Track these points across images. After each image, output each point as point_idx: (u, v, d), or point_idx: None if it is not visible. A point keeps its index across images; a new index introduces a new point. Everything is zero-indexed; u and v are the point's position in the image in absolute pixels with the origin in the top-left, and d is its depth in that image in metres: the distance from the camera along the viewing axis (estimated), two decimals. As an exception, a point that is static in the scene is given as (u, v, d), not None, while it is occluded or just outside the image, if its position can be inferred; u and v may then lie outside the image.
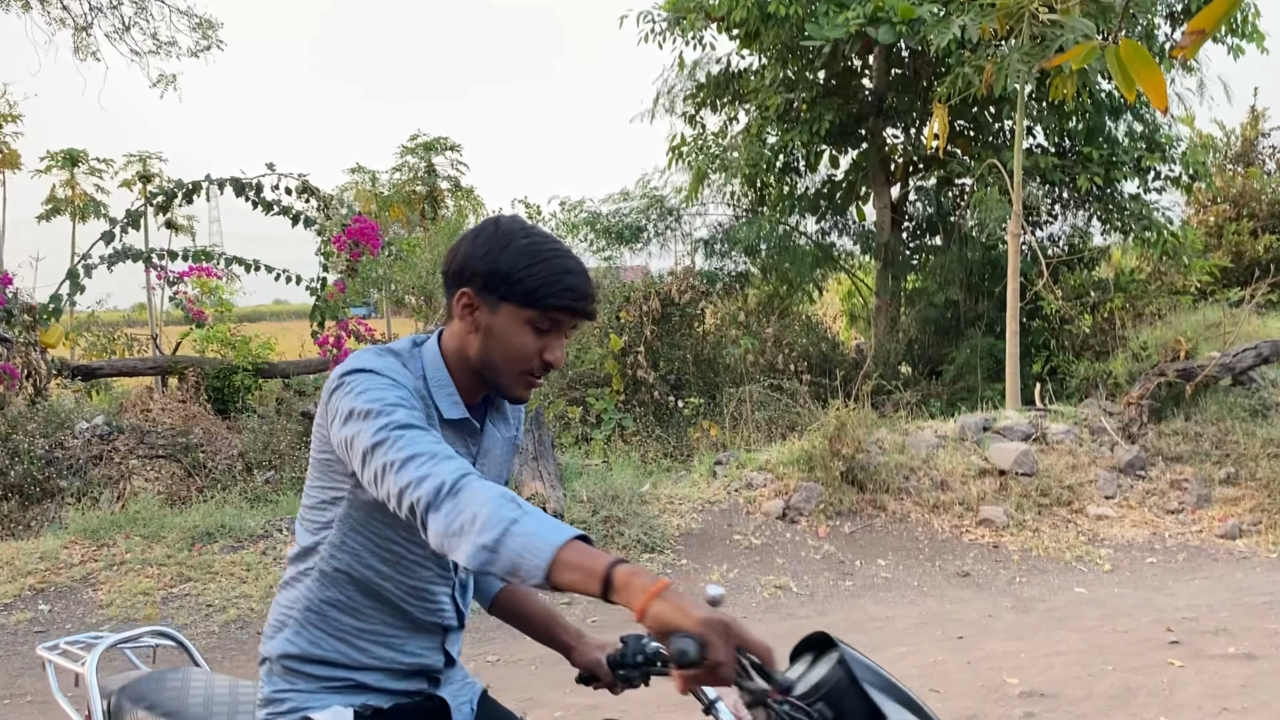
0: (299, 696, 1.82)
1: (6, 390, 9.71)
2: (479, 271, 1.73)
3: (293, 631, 1.83)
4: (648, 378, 10.60)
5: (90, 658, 2.24)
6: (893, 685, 1.63)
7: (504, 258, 1.71)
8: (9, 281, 10.20)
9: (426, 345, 1.83)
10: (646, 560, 6.43)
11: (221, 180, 10.37)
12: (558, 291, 1.71)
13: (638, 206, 13.22)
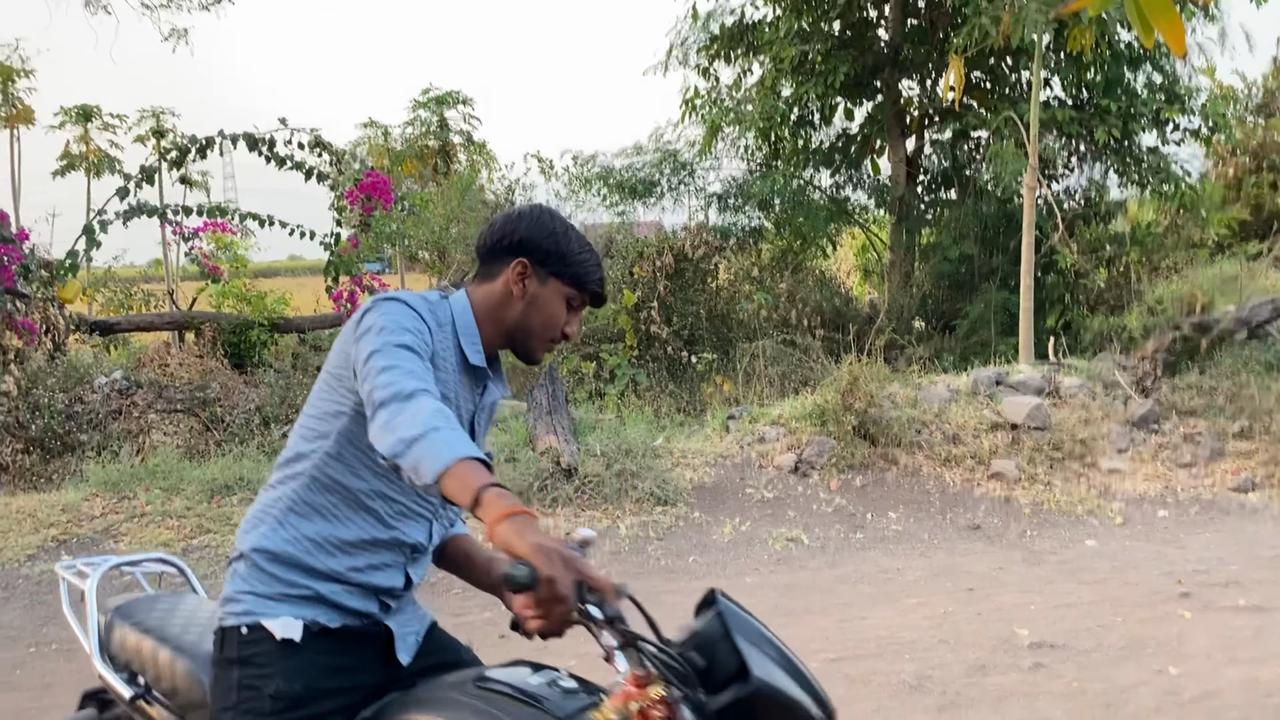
0: (254, 600, 1.89)
1: (26, 345, 9.80)
2: (543, 248, 1.97)
3: (269, 528, 1.92)
4: (661, 333, 10.62)
5: (93, 577, 2.43)
6: (771, 643, 1.70)
7: (563, 242, 1.97)
8: (25, 237, 10.25)
9: (455, 297, 2.01)
10: (660, 513, 6.49)
11: (234, 135, 10.35)
12: (595, 278, 2.02)
13: (651, 160, 13.16)
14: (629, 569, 5.76)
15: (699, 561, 5.93)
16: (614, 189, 12.99)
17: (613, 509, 6.50)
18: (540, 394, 7.44)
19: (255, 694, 1.84)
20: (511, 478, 6.66)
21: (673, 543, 6.17)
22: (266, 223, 10.95)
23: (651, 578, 5.65)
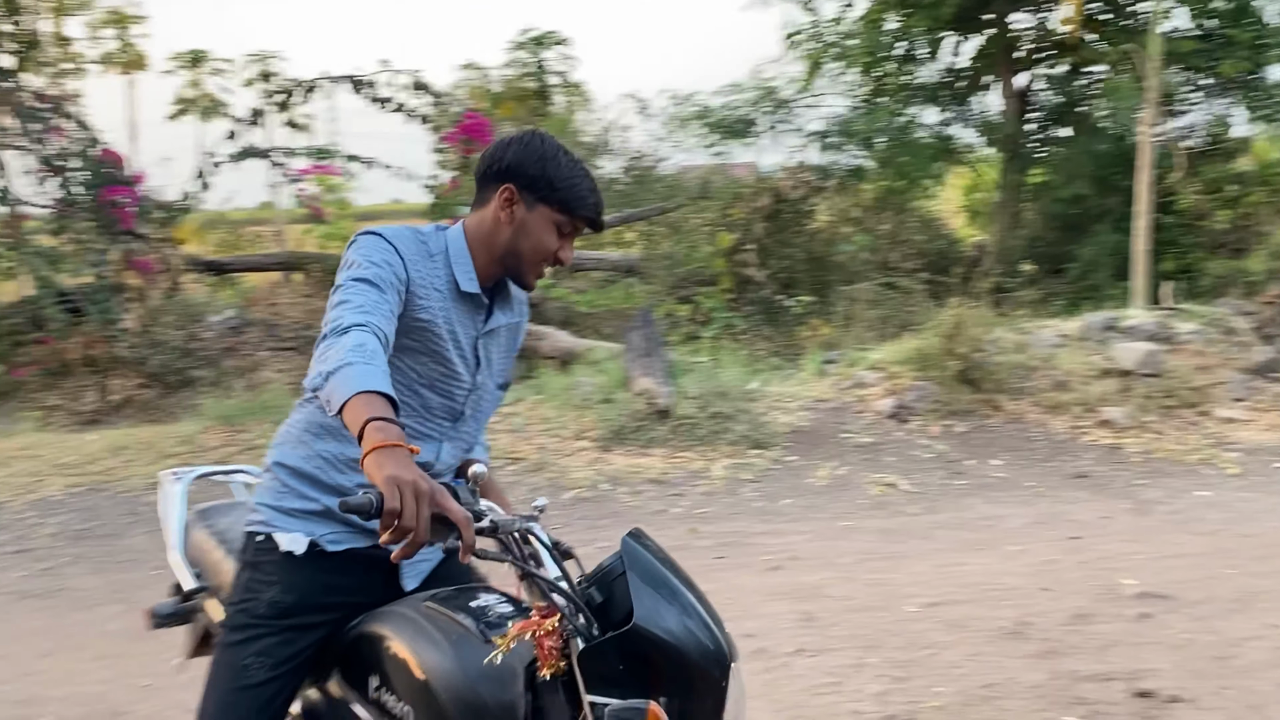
0: (270, 512, 2.05)
1: (145, 284, 10.20)
2: (528, 174, 1.97)
3: (290, 446, 2.07)
4: (757, 276, 10.51)
5: (183, 481, 2.70)
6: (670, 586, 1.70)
7: (550, 167, 1.97)
8: (142, 180, 10.62)
9: (452, 228, 2.07)
10: (754, 456, 6.47)
11: (338, 77, 10.50)
12: (588, 204, 2.00)
13: (749, 98, 12.92)
14: (722, 511, 5.79)
15: (793, 505, 5.91)
16: (711, 128, 12.81)
17: (707, 451, 6.50)
18: (636, 336, 7.46)
19: (255, 598, 2.01)
20: (607, 419, 6.72)
21: (767, 486, 6.16)
22: (370, 165, 11.12)
23: (745, 519, 5.66)
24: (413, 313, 1.96)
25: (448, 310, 2.02)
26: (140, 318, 9.92)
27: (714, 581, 4.69)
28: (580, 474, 6.21)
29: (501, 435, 6.73)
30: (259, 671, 1.97)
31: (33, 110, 9.90)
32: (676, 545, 5.22)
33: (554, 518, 5.72)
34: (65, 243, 9.77)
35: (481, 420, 2.22)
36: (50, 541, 5.50)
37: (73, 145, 10.13)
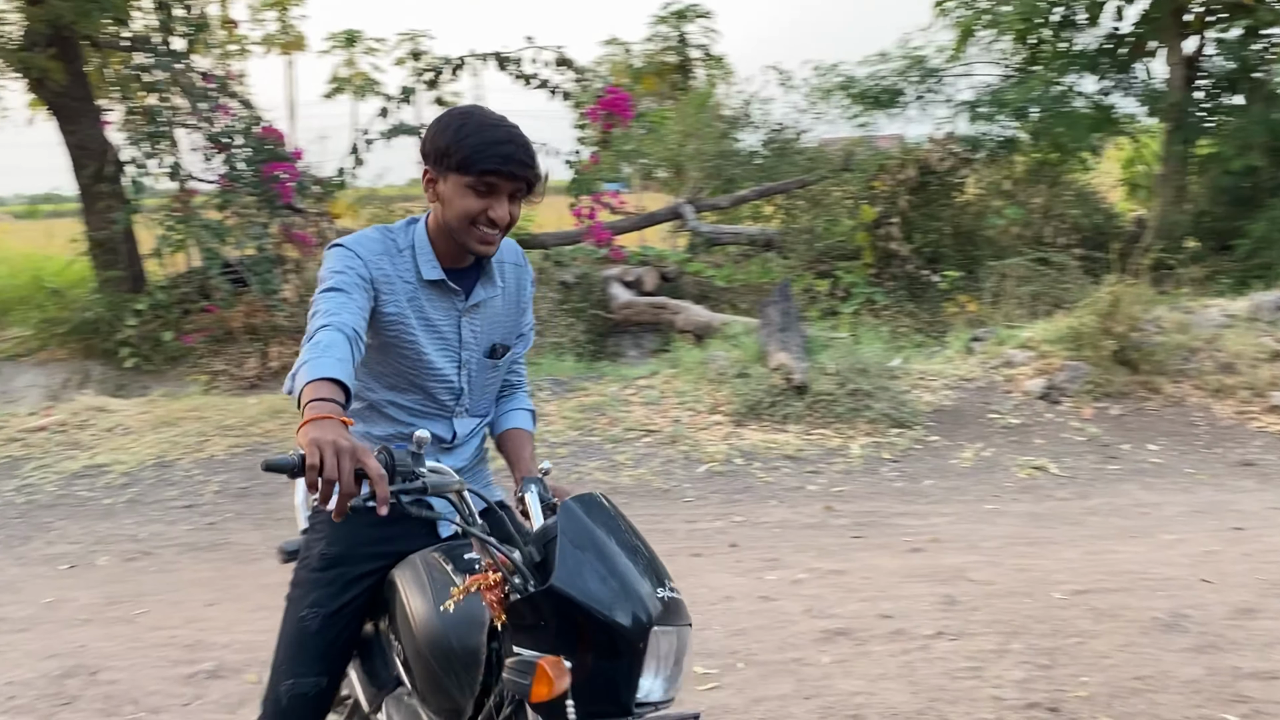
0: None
1: (302, 256, 10.66)
2: (430, 151, 2.07)
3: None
4: (901, 250, 10.24)
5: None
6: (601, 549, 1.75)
7: (444, 135, 2.05)
8: (300, 156, 11.07)
9: (419, 221, 2.21)
10: (895, 434, 6.33)
11: (485, 54, 10.71)
12: (486, 157, 2.02)
13: (896, 68, 12.55)
14: (860, 489, 5.69)
15: (935, 486, 5.76)
16: (855, 99, 12.51)
17: (845, 428, 6.40)
18: (772, 310, 7.38)
19: (309, 553, 2.24)
20: (742, 393, 6.68)
21: (908, 465, 6.02)
22: (514, 141, 11.28)
23: (884, 499, 5.56)
24: (381, 307, 2.13)
25: (417, 298, 2.16)
26: (298, 288, 10.37)
27: (850, 560, 4.63)
28: (714, 448, 6.20)
29: (636, 408, 6.78)
30: (314, 621, 2.15)
31: (202, 90, 10.44)
32: (811, 523, 5.18)
33: (688, 491, 5.74)
34: (230, 217, 10.29)
35: (484, 389, 2.33)
36: (215, 498, 5.84)
37: (237, 123, 10.65)
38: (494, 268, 2.25)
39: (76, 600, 4.56)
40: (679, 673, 1.78)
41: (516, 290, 2.32)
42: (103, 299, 10.62)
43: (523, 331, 2.39)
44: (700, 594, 4.32)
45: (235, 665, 3.77)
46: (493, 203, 2.06)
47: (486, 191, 2.06)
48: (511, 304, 2.31)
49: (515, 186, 2.08)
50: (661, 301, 9.83)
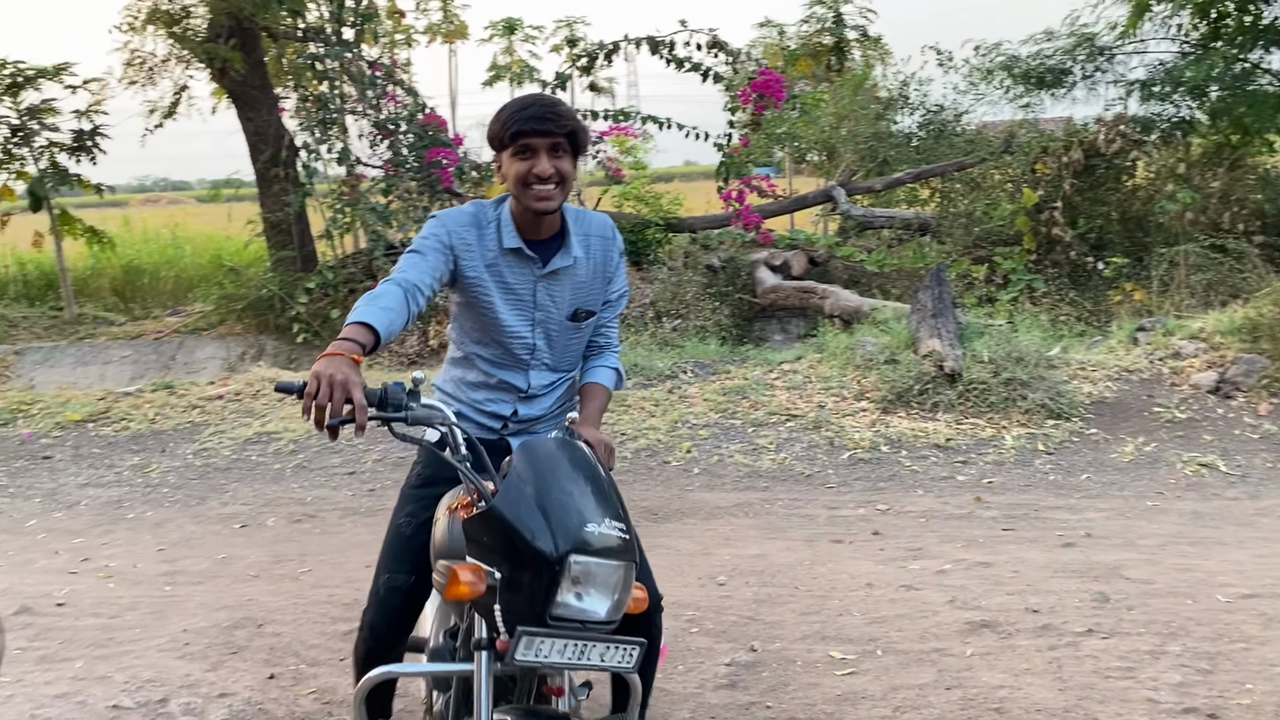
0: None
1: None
2: (490, 140, 2.46)
3: (440, 373, 2.76)
4: (1064, 236, 9.82)
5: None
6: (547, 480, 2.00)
7: (493, 124, 2.42)
8: (460, 142, 11.43)
9: (508, 199, 2.50)
10: (1051, 426, 6.11)
11: (638, 39, 10.78)
12: (516, 123, 2.36)
13: (1063, 47, 11.97)
14: (1012, 481, 5.52)
15: (1092, 480, 5.53)
16: (1018, 79, 12.00)
17: (998, 418, 6.21)
18: (925, 296, 7.20)
19: (410, 473, 2.67)
20: (890, 380, 6.57)
21: (1064, 458, 5.80)
22: (665, 125, 11.36)
23: (1037, 492, 5.38)
24: (461, 271, 2.48)
25: (497, 265, 2.49)
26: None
27: (998, 553, 4.51)
28: (860, 435, 6.12)
29: (779, 392, 6.76)
30: (407, 528, 2.52)
31: (370, 78, 10.90)
32: (959, 514, 5.07)
33: (831, 477, 5.70)
34: (394, 201, 10.72)
35: (566, 348, 2.62)
36: (374, 467, 6.14)
37: (402, 111, 11.07)
38: (575, 240, 2.52)
39: (246, 558, 4.88)
40: (621, 601, 2.01)
41: (602, 260, 2.57)
42: (276, 278, 11.24)
43: (610, 299, 2.64)
44: (840, 580, 4.29)
45: (390, 624, 3.96)
46: (534, 162, 2.36)
47: (527, 154, 2.37)
48: (596, 273, 2.57)
49: (551, 142, 2.36)
50: (809, 286, 9.72)
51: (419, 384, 2.14)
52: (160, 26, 11.41)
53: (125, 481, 6.14)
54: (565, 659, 1.96)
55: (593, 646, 1.98)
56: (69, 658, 3.88)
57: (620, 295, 2.67)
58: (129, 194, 55.73)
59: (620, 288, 2.66)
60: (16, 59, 13.03)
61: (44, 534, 5.35)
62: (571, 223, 2.54)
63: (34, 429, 7.09)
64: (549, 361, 2.62)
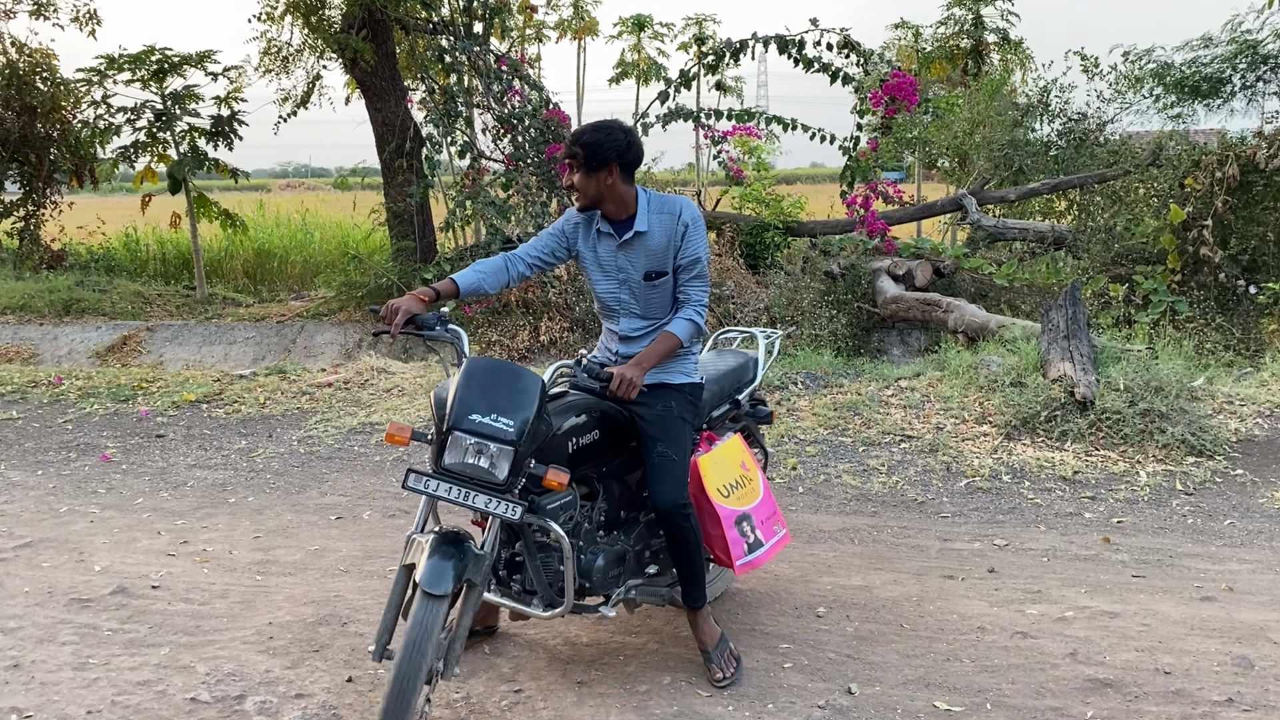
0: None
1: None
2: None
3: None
4: (1213, 256, 9.17)
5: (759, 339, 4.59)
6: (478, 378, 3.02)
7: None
8: (580, 138, 11.36)
9: None
10: (1191, 463, 5.63)
11: (766, 38, 10.50)
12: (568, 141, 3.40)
13: (1222, 54, 11.23)
14: (1145, 522, 5.09)
15: (1236, 527, 5.06)
16: (1170, 88, 11.30)
17: (1132, 452, 5.76)
18: (1057, 316, 6.76)
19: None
20: (1015, 404, 6.17)
21: (1205, 500, 5.33)
22: (790, 126, 11.06)
23: (1173, 536, 4.94)
24: (574, 248, 3.56)
25: (592, 241, 3.53)
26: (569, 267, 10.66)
27: (1127, 602, 4.14)
28: (979, 461, 5.76)
29: (894, 410, 6.43)
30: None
31: (496, 72, 10.92)
32: (1085, 555, 4.69)
33: (946, 505, 5.36)
34: (514, 195, 10.71)
35: (649, 302, 3.51)
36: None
37: (525, 105, 11.07)
38: (643, 217, 3.43)
39: (339, 551, 4.84)
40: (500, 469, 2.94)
41: (670, 232, 3.43)
42: (395, 267, 11.38)
43: (681, 263, 3.45)
44: (949, 621, 3.99)
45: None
46: (566, 175, 3.47)
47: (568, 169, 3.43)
48: (662, 243, 3.44)
49: (570, 162, 3.38)
50: (933, 298, 9.30)
51: (444, 315, 3.25)
52: (297, 16, 11.67)
53: (231, 465, 6.22)
54: (450, 497, 2.95)
55: (477, 495, 2.94)
56: (156, 643, 3.88)
57: (692, 260, 3.45)
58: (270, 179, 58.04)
59: (691, 254, 3.44)
60: (164, 46, 13.54)
61: (149, 513, 5.43)
62: (644, 205, 3.43)
63: (151, 407, 7.28)
64: (637, 311, 3.54)
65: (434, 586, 2.81)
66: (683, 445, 3.48)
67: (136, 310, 13.07)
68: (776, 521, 3.86)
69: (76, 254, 16.23)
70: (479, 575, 2.96)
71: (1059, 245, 11.23)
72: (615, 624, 4.01)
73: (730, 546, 3.60)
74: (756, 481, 3.83)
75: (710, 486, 3.61)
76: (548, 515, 3.17)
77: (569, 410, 3.32)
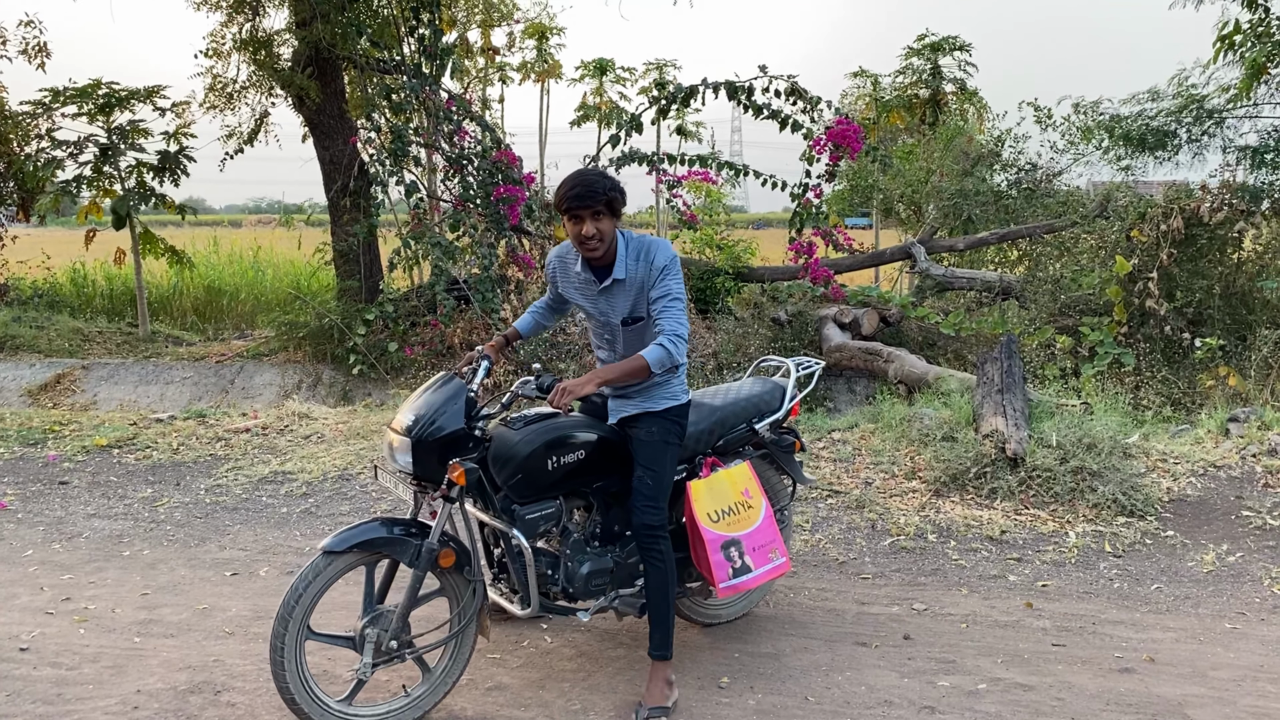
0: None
1: (524, 278, 10.79)
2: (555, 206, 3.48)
3: None
4: (1158, 309, 9.12)
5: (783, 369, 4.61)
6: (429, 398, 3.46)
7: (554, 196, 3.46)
8: (532, 180, 11.23)
9: None
10: (1121, 524, 5.49)
11: (716, 84, 10.46)
12: (565, 201, 3.43)
13: (1168, 108, 11.29)
14: (1070, 586, 4.93)
15: (1164, 592, 4.90)
16: (1118, 140, 11.34)
17: (1062, 511, 5.62)
18: (992, 369, 6.64)
19: None
20: (946, 460, 6.03)
21: (1133, 563, 5.19)
22: (743, 172, 11.01)
23: (1097, 601, 4.78)
24: (561, 290, 3.84)
25: (573, 283, 3.74)
26: (516, 309, 10.49)
27: (1043, 673, 3.97)
28: (906, 519, 5.59)
29: (824, 464, 6.27)
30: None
31: (446, 113, 10.79)
32: (1006, 621, 4.52)
33: (868, 566, 5.18)
34: (461, 236, 10.54)
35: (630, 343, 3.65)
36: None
37: (474, 146, 10.93)
38: (622, 265, 3.53)
39: (228, 610, 4.59)
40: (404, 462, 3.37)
41: (644, 276, 3.52)
42: (339, 307, 11.15)
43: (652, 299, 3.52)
44: (856, 694, 3.80)
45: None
46: (581, 227, 3.45)
47: (575, 221, 3.46)
48: (637, 287, 3.56)
49: (593, 210, 3.42)
50: (874, 347, 9.19)
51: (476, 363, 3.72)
52: (245, 53, 11.51)
53: (132, 514, 5.95)
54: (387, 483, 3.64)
55: (398, 481, 3.53)
56: (9, 714, 3.62)
57: (661, 295, 3.51)
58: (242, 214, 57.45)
59: (661, 291, 3.51)
60: (110, 80, 13.33)
61: (36, 566, 5.16)
62: (623, 251, 3.54)
63: (60, 451, 6.99)
64: (620, 350, 3.70)
65: (330, 545, 3.27)
66: (661, 470, 3.68)
67: (74, 348, 12.75)
68: (774, 550, 3.97)
69: (19, 289, 15.87)
70: (404, 555, 3.37)
71: (1007, 295, 11.19)
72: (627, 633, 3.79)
73: (714, 569, 3.78)
74: (757, 509, 3.96)
75: (700, 511, 3.81)
76: (520, 521, 3.55)
77: (551, 431, 3.61)
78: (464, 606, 3.52)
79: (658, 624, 3.68)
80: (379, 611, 3.41)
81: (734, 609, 4.45)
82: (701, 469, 3.94)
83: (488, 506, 3.63)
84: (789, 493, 4.49)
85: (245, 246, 20.07)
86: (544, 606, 3.67)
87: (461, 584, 3.52)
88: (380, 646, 3.37)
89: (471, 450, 3.45)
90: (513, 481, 3.50)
